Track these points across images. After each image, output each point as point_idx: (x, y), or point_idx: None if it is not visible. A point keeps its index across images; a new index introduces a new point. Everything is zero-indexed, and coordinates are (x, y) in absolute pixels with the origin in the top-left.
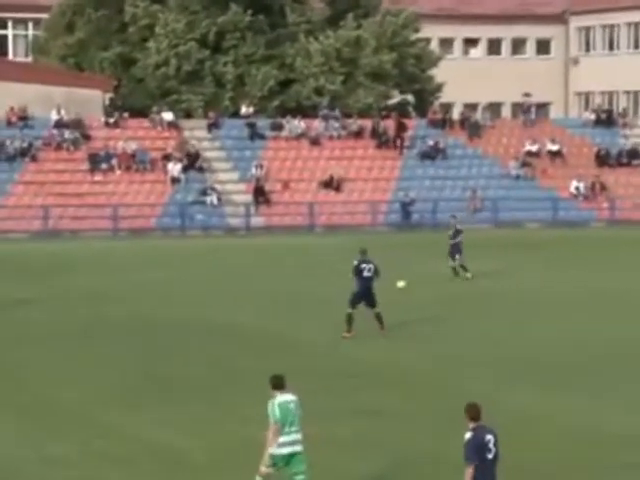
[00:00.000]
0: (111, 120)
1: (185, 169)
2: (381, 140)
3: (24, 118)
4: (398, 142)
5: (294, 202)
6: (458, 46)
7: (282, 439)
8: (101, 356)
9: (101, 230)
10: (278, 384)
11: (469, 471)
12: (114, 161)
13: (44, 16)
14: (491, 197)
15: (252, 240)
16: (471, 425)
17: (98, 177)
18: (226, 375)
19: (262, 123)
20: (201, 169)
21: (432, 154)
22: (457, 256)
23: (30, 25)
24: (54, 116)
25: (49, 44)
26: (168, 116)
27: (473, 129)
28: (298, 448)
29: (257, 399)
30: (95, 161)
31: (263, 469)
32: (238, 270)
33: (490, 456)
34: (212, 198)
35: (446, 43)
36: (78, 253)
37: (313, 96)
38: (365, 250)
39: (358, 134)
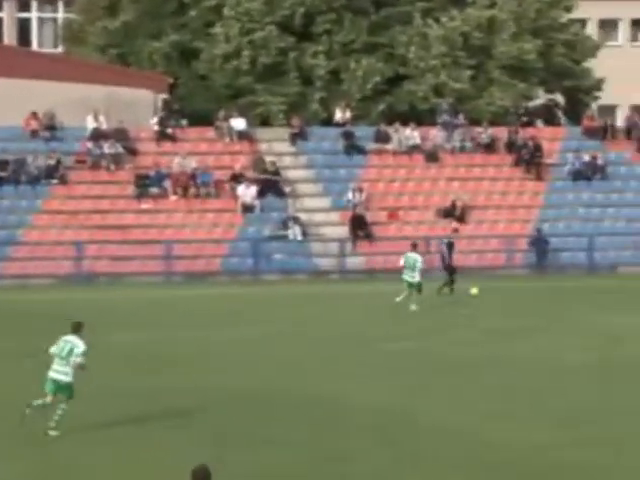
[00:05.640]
0: (165, 129)
1: (260, 194)
2: (520, 155)
3: (51, 127)
4: (537, 156)
5: (404, 237)
6: (624, 30)
7: None
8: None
9: (150, 274)
10: None
11: None
12: (168, 184)
13: None
14: None
15: (348, 287)
16: None
17: (147, 205)
18: (328, 465)
19: (363, 132)
20: (281, 194)
21: (587, 173)
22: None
23: (60, 6)
24: (90, 124)
25: (85, 30)
26: (239, 124)
27: None
28: None
29: None
30: (143, 184)
31: None
32: (330, 326)
33: None
34: (295, 232)
35: (608, 26)
36: (120, 303)
37: (431, 97)
38: None
39: (490, 147)
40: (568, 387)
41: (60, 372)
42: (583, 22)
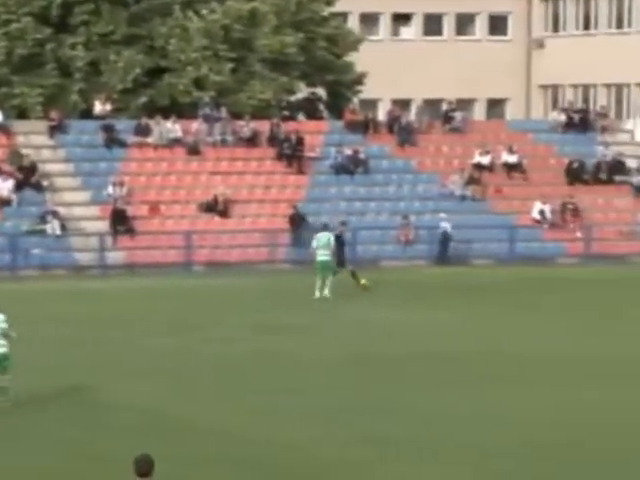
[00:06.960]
0: None
1: (18, 187)
2: (282, 149)
3: None
4: (299, 150)
5: (165, 232)
6: (385, 24)
7: None
8: None
9: None
10: None
11: None
12: None
13: None
14: (427, 225)
15: (108, 283)
16: None
17: None
18: (88, 464)
19: (123, 126)
20: (39, 187)
21: (350, 167)
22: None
23: None
24: None
25: None
26: None
27: (404, 134)
28: None
29: None
30: None
31: None
32: (92, 323)
33: None
34: (54, 226)
35: (369, 20)
36: None
37: (192, 90)
38: None
39: (252, 141)
40: (328, 384)
41: None
42: (344, 16)
